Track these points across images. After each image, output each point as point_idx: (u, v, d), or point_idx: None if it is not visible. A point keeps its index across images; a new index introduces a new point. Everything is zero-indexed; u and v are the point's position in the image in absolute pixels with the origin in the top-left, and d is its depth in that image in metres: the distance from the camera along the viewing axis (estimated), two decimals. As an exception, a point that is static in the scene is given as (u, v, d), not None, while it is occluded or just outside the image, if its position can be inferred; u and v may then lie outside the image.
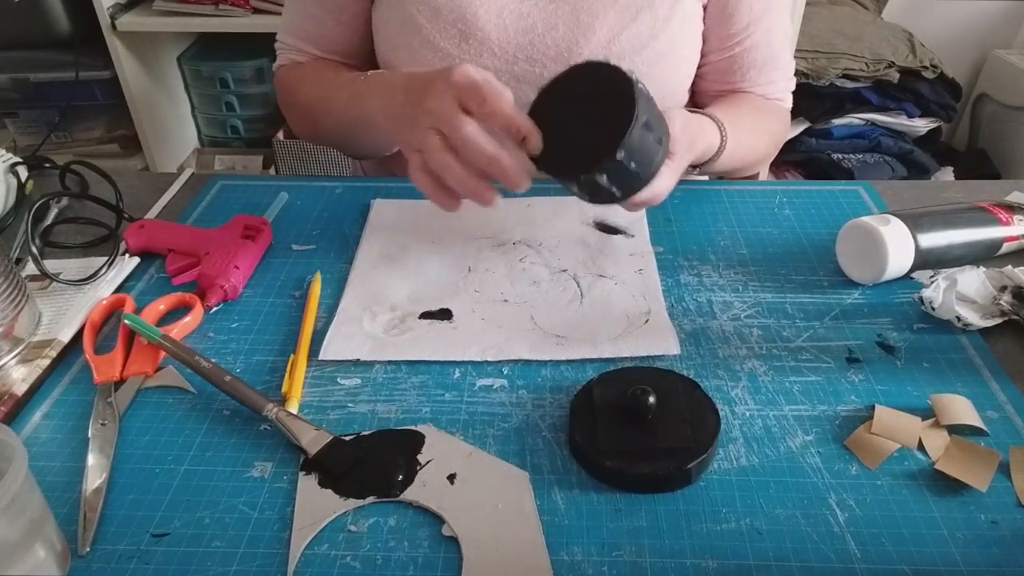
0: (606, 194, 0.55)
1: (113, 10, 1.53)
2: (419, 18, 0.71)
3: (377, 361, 0.54)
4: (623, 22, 0.71)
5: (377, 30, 0.76)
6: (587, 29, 0.71)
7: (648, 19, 0.71)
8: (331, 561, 0.42)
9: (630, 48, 0.71)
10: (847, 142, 1.72)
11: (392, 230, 0.69)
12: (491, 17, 0.70)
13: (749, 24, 0.75)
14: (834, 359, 0.54)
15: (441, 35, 0.71)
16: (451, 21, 0.70)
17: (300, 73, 0.79)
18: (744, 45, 0.76)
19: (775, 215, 0.71)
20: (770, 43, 0.77)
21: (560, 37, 0.71)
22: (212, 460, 0.48)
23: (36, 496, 0.39)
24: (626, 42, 0.71)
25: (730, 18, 0.75)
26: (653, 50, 0.72)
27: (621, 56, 0.71)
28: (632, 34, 0.71)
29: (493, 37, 0.71)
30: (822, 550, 0.42)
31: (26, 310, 0.56)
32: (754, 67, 0.77)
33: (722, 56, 0.77)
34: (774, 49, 0.77)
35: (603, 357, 0.54)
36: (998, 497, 0.45)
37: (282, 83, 0.81)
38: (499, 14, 0.71)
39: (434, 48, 0.71)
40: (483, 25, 0.70)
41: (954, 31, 1.98)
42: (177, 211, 0.73)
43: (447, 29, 0.71)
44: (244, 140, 1.85)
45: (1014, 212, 0.63)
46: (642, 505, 0.44)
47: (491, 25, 0.70)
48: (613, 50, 0.71)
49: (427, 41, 0.71)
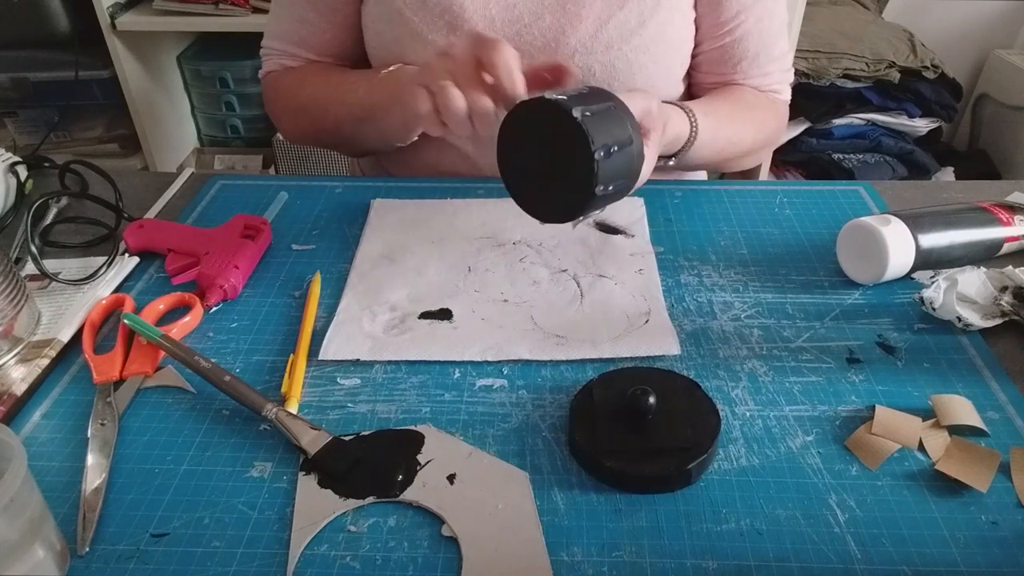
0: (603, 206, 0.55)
1: (113, 9, 1.53)
2: (406, 11, 0.71)
3: (377, 361, 0.54)
4: (610, 10, 0.71)
5: (366, 27, 0.76)
6: (574, 18, 0.71)
7: (635, 6, 0.71)
8: (331, 561, 0.42)
9: (618, 36, 0.71)
10: (848, 142, 1.72)
11: (392, 230, 0.68)
12: (477, 7, 0.70)
13: (739, 12, 0.74)
14: (834, 359, 0.54)
15: (428, 27, 0.71)
16: (437, 13, 0.71)
17: (300, 75, 0.79)
18: (735, 35, 0.75)
19: (775, 215, 0.71)
20: (762, 32, 0.76)
21: (547, 27, 0.71)
22: (211, 460, 0.48)
23: (35, 496, 0.39)
24: (613, 30, 0.71)
25: (720, 6, 0.74)
26: (642, 37, 0.71)
27: (609, 45, 0.71)
28: (619, 22, 0.71)
29: (480, 27, 0.71)
30: (822, 551, 0.42)
31: (25, 310, 0.56)
32: (746, 57, 0.76)
33: (714, 45, 0.76)
34: (766, 39, 0.76)
35: (603, 357, 0.54)
36: (999, 498, 0.45)
37: (276, 86, 0.80)
38: (485, 4, 0.71)
39: (422, 40, 0.71)
40: (469, 16, 0.70)
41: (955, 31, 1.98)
42: (177, 211, 0.73)
43: (434, 21, 0.71)
44: (244, 140, 1.85)
45: (1015, 212, 0.63)
46: (642, 505, 0.44)
47: (478, 16, 0.70)
48: (600, 39, 0.71)
49: (415, 33, 0.71)
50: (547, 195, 0.55)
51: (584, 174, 0.50)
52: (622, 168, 0.52)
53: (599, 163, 0.49)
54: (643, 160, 0.54)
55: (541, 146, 0.53)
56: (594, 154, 0.49)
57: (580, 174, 0.50)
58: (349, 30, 0.78)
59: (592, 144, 0.49)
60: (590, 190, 0.50)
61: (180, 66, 1.79)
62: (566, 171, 0.52)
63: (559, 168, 0.52)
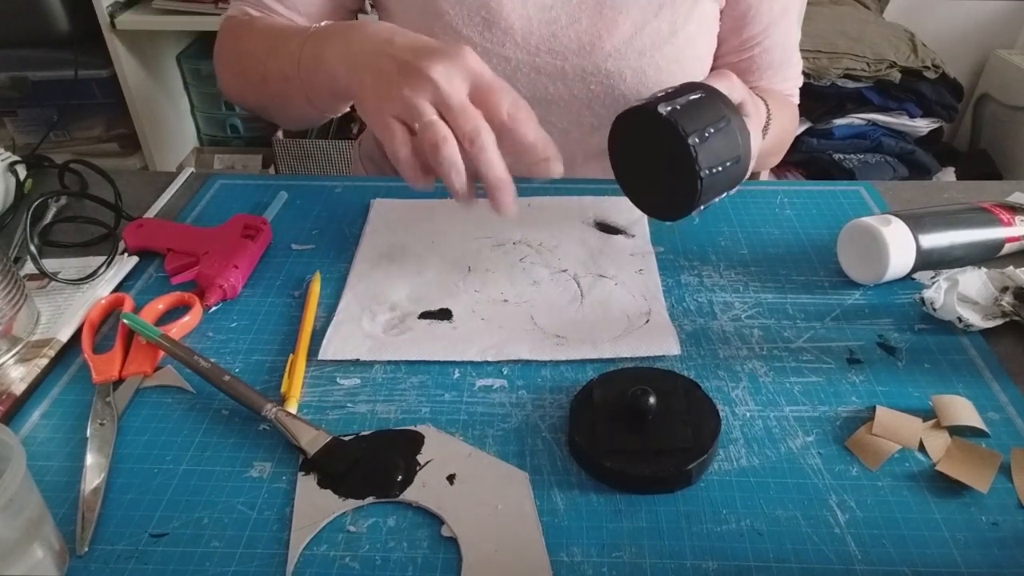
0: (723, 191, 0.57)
1: (112, 8, 1.53)
2: (442, 3, 0.71)
3: (376, 361, 0.54)
4: (645, 17, 0.71)
5: (392, 13, 0.75)
6: (610, 23, 0.71)
7: (669, 16, 0.72)
8: (330, 562, 0.41)
9: (651, 44, 0.71)
10: (848, 142, 1.71)
11: (392, 230, 0.68)
12: (515, 6, 0.70)
13: (769, 25, 0.76)
14: (835, 360, 0.54)
15: (464, 22, 0.70)
16: (475, 8, 0.70)
17: (252, 23, 0.72)
18: (764, 45, 0.77)
19: (776, 215, 0.71)
20: (786, 43, 0.78)
21: (583, 30, 0.71)
22: (211, 460, 0.47)
23: (34, 496, 0.39)
24: (647, 38, 0.71)
25: (751, 21, 0.75)
26: (672, 46, 0.72)
27: (642, 51, 0.71)
28: (653, 30, 0.71)
29: (517, 27, 0.70)
30: (822, 551, 0.42)
31: (24, 309, 0.56)
32: (771, 67, 0.79)
33: (741, 57, 0.78)
34: (789, 49, 0.79)
35: (603, 357, 0.54)
36: (999, 499, 0.44)
37: (227, 31, 0.74)
38: (523, 3, 0.70)
39: (456, 35, 0.71)
40: (507, 14, 0.70)
41: (956, 31, 1.98)
42: (176, 210, 0.73)
43: (471, 16, 0.70)
44: (243, 139, 1.85)
45: (1016, 213, 0.63)
46: (642, 506, 0.44)
47: (515, 15, 0.70)
48: (635, 45, 0.71)
49: (449, 27, 0.71)
50: (663, 194, 0.58)
51: (688, 163, 0.52)
52: (724, 148, 0.54)
53: (696, 148, 0.52)
54: (747, 134, 0.55)
55: (644, 150, 0.56)
56: (687, 140, 0.51)
57: (684, 165, 0.53)
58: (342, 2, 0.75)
59: (684, 132, 0.52)
60: (695, 177, 0.53)
61: (180, 65, 1.79)
62: (674, 165, 0.54)
63: (666, 165, 0.55)
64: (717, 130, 0.53)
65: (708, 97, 0.55)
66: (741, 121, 0.55)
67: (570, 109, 0.60)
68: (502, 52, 0.71)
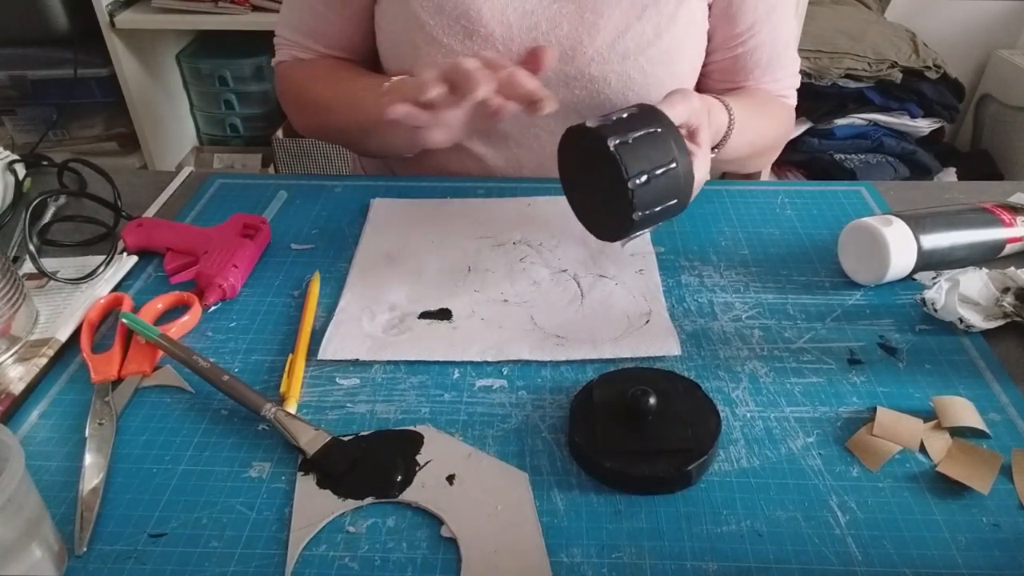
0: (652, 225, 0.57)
1: (112, 7, 1.53)
2: (422, 14, 0.71)
3: (376, 361, 0.54)
4: (628, 21, 0.70)
5: (380, 27, 0.76)
6: (591, 27, 0.70)
7: (653, 17, 0.71)
8: (329, 562, 0.41)
9: (635, 47, 0.71)
10: (849, 142, 1.71)
11: (392, 229, 0.68)
12: (495, 13, 0.70)
13: (754, 24, 0.74)
14: (836, 360, 0.54)
15: (444, 31, 0.71)
16: (454, 17, 0.70)
17: (310, 70, 0.79)
18: (749, 45, 0.76)
19: (777, 215, 0.70)
20: (775, 42, 0.77)
21: (564, 35, 0.71)
22: (210, 460, 0.47)
23: (33, 496, 0.39)
24: (631, 41, 0.71)
25: (735, 18, 0.74)
26: (658, 48, 0.71)
27: (625, 55, 0.71)
28: (637, 33, 0.71)
29: (497, 34, 0.70)
30: (823, 552, 0.42)
31: (23, 308, 0.56)
32: (759, 66, 0.77)
33: (727, 55, 0.77)
34: (778, 48, 0.77)
35: (603, 358, 0.54)
36: (1000, 500, 0.44)
37: (287, 79, 0.80)
38: (503, 11, 0.70)
39: (438, 44, 0.71)
40: (487, 22, 0.70)
41: (957, 31, 1.98)
42: (175, 210, 0.73)
43: (451, 25, 0.70)
44: (243, 138, 1.84)
45: (1017, 213, 0.63)
46: (642, 507, 0.44)
47: (495, 22, 0.70)
48: (618, 49, 0.70)
49: (430, 37, 0.71)
50: (599, 215, 0.58)
51: (624, 200, 0.52)
52: (664, 191, 0.53)
53: (634, 191, 0.51)
54: (691, 178, 0.55)
55: (590, 169, 0.56)
56: (627, 183, 0.51)
57: (621, 199, 0.52)
58: (359, 25, 0.77)
59: (626, 173, 0.51)
60: (628, 215, 0.53)
61: (179, 64, 1.79)
62: (611, 195, 0.53)
63: (606, 191, 0.54)
64: (661, 173, 0.52)
65: (663, 134, 0.53)
66: (688, 164, 0.54)
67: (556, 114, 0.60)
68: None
